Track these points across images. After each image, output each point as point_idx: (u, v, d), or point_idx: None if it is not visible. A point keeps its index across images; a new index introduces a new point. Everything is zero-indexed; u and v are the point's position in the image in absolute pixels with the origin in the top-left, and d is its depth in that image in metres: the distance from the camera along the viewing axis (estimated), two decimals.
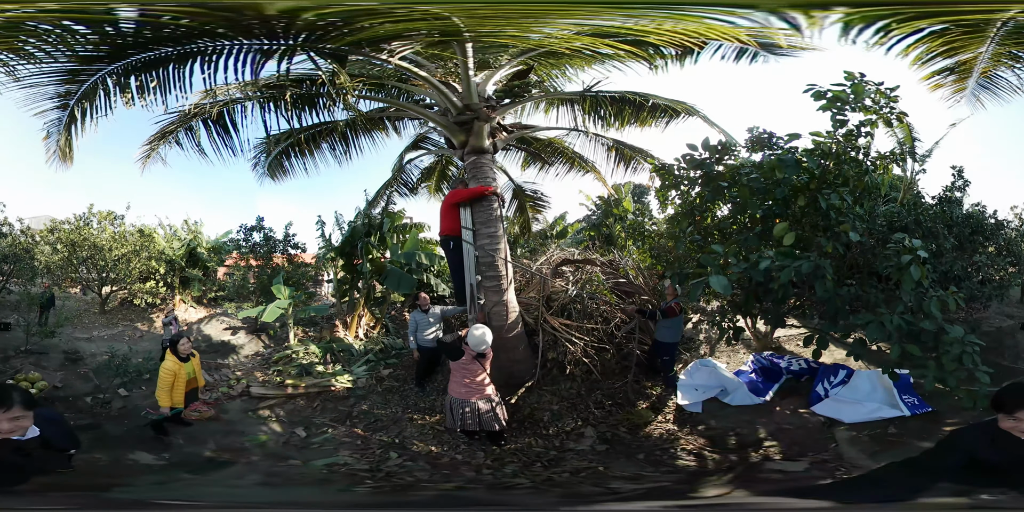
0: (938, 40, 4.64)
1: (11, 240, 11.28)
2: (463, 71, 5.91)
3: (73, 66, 4.41)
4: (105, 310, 12.27)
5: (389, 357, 8.21)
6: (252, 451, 5.34)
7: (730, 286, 3.66)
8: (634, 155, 8.43)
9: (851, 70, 4.27)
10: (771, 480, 4.08)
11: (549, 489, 4.24)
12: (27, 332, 8.04)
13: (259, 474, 4.68)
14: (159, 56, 4.37)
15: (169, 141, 6.07)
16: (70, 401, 6.39)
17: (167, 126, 5.85)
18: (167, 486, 3.75)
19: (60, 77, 4.58)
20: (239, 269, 11.71)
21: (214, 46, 4.31)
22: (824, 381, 5.62)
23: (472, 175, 6.42)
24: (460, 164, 8.82)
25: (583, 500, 3.63)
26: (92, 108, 4.95)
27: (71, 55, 4.20)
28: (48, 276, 11.93)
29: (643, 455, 4.95)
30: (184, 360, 5.25)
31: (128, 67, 4.48)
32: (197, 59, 4.47)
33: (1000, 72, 4.90)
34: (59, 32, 3.85)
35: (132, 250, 11.92)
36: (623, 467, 4.64)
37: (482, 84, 6.49)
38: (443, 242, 6.69)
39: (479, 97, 6.31)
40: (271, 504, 3.17)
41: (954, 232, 4.94)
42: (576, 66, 7.13)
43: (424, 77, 6.11)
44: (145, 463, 4.75)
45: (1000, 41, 4.49)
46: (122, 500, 2.78)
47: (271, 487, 4.18)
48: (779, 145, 4.85)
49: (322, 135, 7.47)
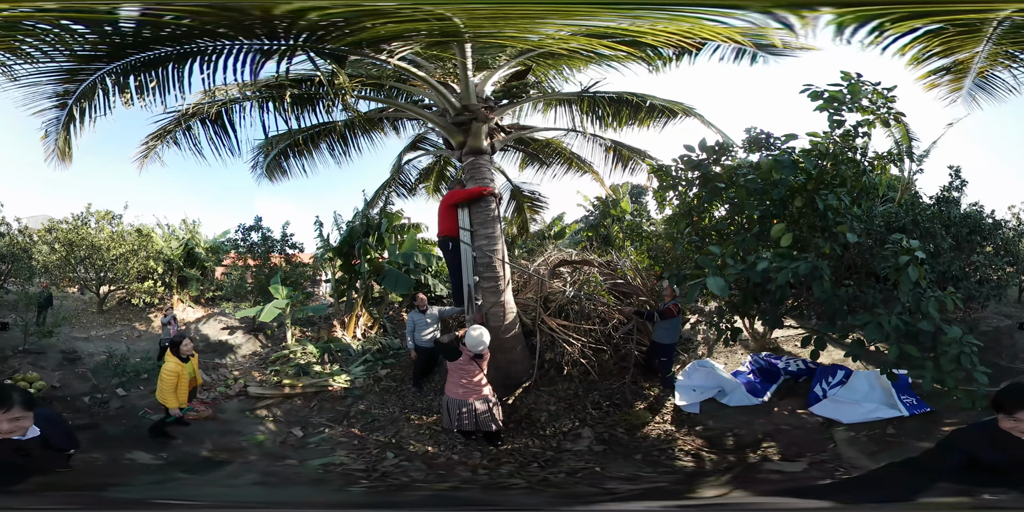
0: (934, 40, 4.65)
1: (9, 240, 11.33)
2: (462, 72, 5.92)
3: (71, 65, 4.40)
4: (103, 310, 12.25)
5: (387, 357, 8.22)
6: (250, 451, 5.34)
7: (727, 287, 3.67)
8: (632, 156, 8.46)
9: (848, 70, 4.29)
10: (769, 480, 4.08)
11: (545, 489, 4.24)
12: (25, 332, 8.05)
13: (256, 474, 4.67)
14: (158, 56, 4.37)
15: (167, 141, 6.04)
16: (68, 401, 6.40)
17: (165, 126, 5.84)
18: (165, 486, 3.75)
19: (58, 76, 4.57)
20: (237, 269, 11.72)
21: (214, 46, 4.31)
22: (822, 382, 5.62)
23: (470, 176, 6.43)
24: (458, 165, 8.86)
25: (579, 500, 3.64)
26: (91, 107, 4.93)
27: (69, 54, 4.19)
28: (46, 276, 11.91)
29: (640, 455, 4.95)
30: (185, 361, 5.25)
31: (127, 67, 4.47)
32: (197, 59, 4.47)
33: (997, 72, 4.91)
34: (57, 32, 3.84)
35: (130, 250, 11.91)
36: (620, 467, 4.65)
37: (480, 85, 6.50)
38: (441, 243, 6.70)
39: (477, 98, 6.32)
40: (268, 504, 3.17)
41: (952, 232, 4.94)
42: (574, 67, 7.14)
43: (423, 77, 6.12)
44: (143, 463, 4.74)
45: (997, 40, 4.49)
46: (121, 500, 2.79)
47: (268, 487, 4.18)
48: (776, 145, 4.86)
49: (321, 135, 7.47)
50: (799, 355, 6.57)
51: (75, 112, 5.03)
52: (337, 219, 10.27)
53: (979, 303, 5.79)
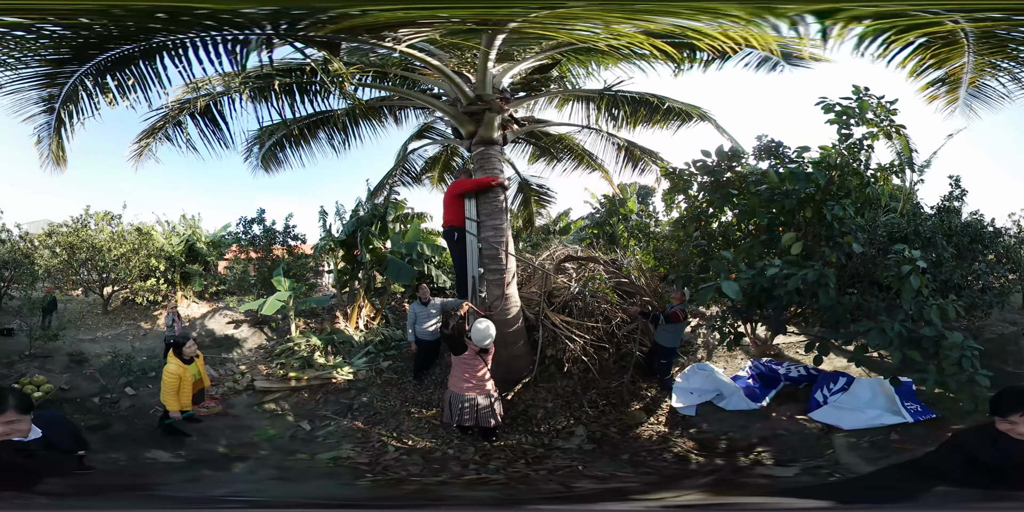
0: (927, 52, 4.78)
1: (10, 246, 11.60)
2: (481, 61, 5.85)
3: (48, 70, 4.38)
4: (108, 310, 12.40)
5: (388, 349, 8.31)
6: (261, 446, 5.45)
7: (751, 285, 3.78)
8: (643, 156, 8.51)
9: (858, 84, 4.44)
10: (753, 484, 4.11)
11: (515, 486, 4.27)
12: (30, 337, 8.14)
13: (273, 469, 4.77)
14: (125, 54, 4.30)
15: (159, 137, 5.99)
16: (78, 402, 6.44)
17: (155, 123, 5.79)
18: (199, 483, 3.88)
19: (40, 81, 4.55)
20: (239, 262, 11.79)
21: (178, 40, 4.21)
22: (823, 388, 5.63)
23: (479, 166, 6.42)
24: (466, 154, 8.85)
25: (517, 499, 3.71)
26: (77, 110, 4.92)
27: (40, 59, 4.16)
28: (49, 280, 12.07)
29: (627, 456, 4.99)
30: (188, 362, 5.15)
31: (101, 67, 4.43)
32: (163, 54, 4.38)
33: (987, 81, 5.01)
34: (14, 36, 3.78)
35: (131, 249, 12.02)
36: (603, 467, 4.69)
37: (499, 76, 6.45)
38: (446, 233, 6.68)
39: (493, 88, 6.28)
40: (290, 500, 3.25)
41: (953, 241, 5.03)
42: (603, 63, 7.07)
43: (437, 66, 6.06)
44: (165, 461, 4.81)
45: (976, 51, 4.59)
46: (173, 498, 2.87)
47: (288, 482, 4.29)
48: (786, 155, 4.99)
49: (319, 125, 7.37)
50: (801, 362, 6.60)
51: (63, 116, 5.01)
52: (340, 209, 10.26)
53: (983, 311, 5.86)
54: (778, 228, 4.87)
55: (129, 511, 2.37)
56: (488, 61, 5.84)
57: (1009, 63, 4.68)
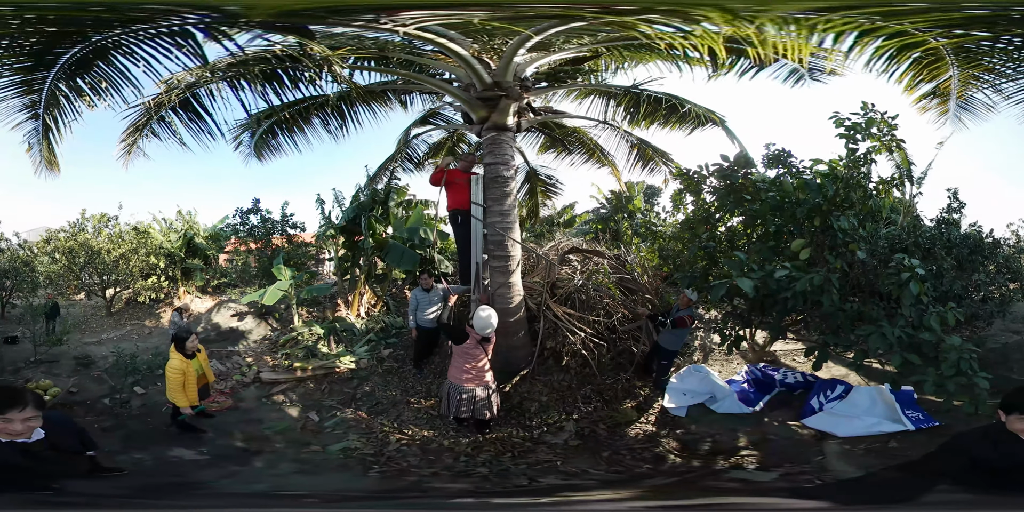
0: (919, 66, 5.07)
1: (10, 255, 11.97)
2: (511, 49, 5.74)
3: (21, 77, 4.43)
4: (111, 312, 12.55)
5: (389, 336, 8.46)
6: (274, 439, 5.63)
7: (755, 288, 4.01)
8: (655, 156, 8.64)
9: (866, 100, 4.70)
10: (723, 488, 4.15)
11: (492, 480, 4.41)
12: (35, 343, 8.31)
13: (291, 462, 4.91)
14: (80, 56, 4.33)
15: (145, 134, 6.00)
16: (88, 404, 6.54)
17: (136, 120, 5.80)
18: (238, 478, 4.08)
19: (19, 89, 4.60)
20: (239, 254, 11.92)
21: (119, 37, 4.20)
22: (820, 395, 5.68)
23: (490, 151, 6.41)
24: (473, 141, 8.90)
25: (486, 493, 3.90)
26: (61, 114, 4.99)
27: (9, 68, 4.22)
28: (51, 286, 12.34)
29: (608, 453, 5.10)
30: (190, 357, 5.23)
31: (67, 71, 4.47)
32: (115, 53, 4.38)
33: (973, 93, 5.29)
34: None
35: (130, 249, 12.22)
36: (580, 463, 4.82)
37: (523, 64, 6.38)
38: (451, 216, 6.73)
39: (515, 76, 6.24)
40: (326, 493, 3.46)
41: (953, 253, 5.19)
42: (644, 60, 6.96)
43: (455, 50, 5.87)
44: (191, 459, 4.96)
45: (959, 64, 4.86)
46: (237, 493, 3.07)
47: (308, 475, 4.49)
48: (794, 164, 5.27)
49: (311, 110, 7.26)
50: (798, 368, 6.73)
51: (48, 121, 5.06)
52: (338, 196, 10.28)
53: (985, 321, 6.05)
54: (784, 236, 5.10)
55: (207, 510, 2.53)
56: (520, 48, 5.72)
57: (991, 76, 4.97)
